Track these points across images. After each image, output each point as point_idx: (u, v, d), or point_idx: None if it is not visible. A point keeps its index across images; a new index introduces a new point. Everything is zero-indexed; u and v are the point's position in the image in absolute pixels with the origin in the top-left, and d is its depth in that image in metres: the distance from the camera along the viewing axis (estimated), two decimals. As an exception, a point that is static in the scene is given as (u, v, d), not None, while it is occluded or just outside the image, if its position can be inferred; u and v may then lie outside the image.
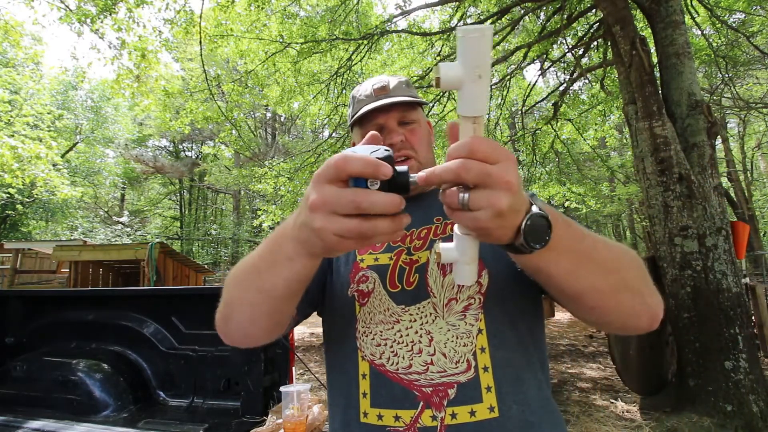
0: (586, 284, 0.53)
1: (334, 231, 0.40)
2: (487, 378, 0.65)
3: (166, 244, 7.92)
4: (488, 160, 0.39)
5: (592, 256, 0.52)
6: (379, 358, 0.69)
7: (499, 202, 0.39)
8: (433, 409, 0.63)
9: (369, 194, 0.39)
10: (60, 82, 18.99)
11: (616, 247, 0.56)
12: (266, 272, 0.53)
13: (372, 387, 0.68)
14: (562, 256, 0.49)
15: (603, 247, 0.54)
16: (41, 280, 9.34)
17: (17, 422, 1.73)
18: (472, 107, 0.40)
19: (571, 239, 0.50)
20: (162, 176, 26.13)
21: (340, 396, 0.73)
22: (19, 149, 8.44)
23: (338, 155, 0.40)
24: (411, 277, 0.72)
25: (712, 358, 3.12)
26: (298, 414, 1.40)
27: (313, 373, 4.37)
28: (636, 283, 0.56)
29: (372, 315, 0.72)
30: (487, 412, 0.63)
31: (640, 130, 3.58)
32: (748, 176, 16.48)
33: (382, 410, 0.66)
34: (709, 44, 6.72)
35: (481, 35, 0.37)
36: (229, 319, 0.62)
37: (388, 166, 0.40)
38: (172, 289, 3.50)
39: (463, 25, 0.39)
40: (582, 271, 0.52)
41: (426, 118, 0.89)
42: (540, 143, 8.10)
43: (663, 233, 3.45)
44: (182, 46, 14.01)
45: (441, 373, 0.65)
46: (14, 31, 8.34)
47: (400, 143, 0.80)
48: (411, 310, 0.70)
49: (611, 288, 0.54)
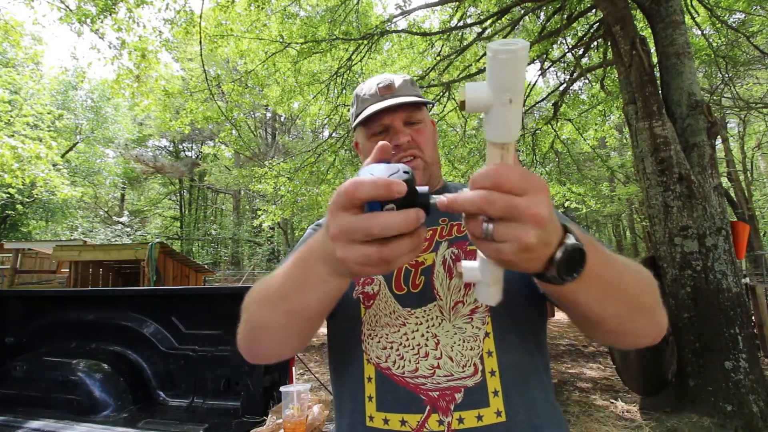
0: (611, 311, 0.53)
1: (356, 260, 0.40)
2: (494, 382, 0.64)
3: (166, 244, 7.91)
4: (515, 192, 0.36)
5: (619, 283, 0.51)
6: (384, 361, 0.68)
7: (525, 236, 0.36)
8: (440, 413, 0.63)
9: (380, 218, 0.38)
10: (60, 82, 18.99)
11: (635, 269, 0.55)
12: (296, 294, 0.53)
13: (378, 390, 0.68)
14: (593, 284, 0.47)
15: (626, 269, 0.53)
16: (41, 280, 9.34)
17: (17, 422, 1.73)
18: (501, 133, 0.37)
19: (602, 267, 0.48)
20: (162, 176, 26.14)
21: (346, 399, 0.72)
22: (19, 149, 8.45)
23: (350, 181, 0.39)
24: (417, 280, 0.72)
25: (712, 358, 3.12)
26: (298, 414, 1.40)
27: (313, 373, 4.37)
28: (651, 304, 0.56)
29: (377, 318, 0.71)
30: (494, 416, 0.62)
31: (640, 130, 3.58)
32: (748, 176, 16.48)
33: (388, 414, 0.66)
34: (709, 44, 6.71)
35: (513, 56, 0.33)
36: (257, 342, 0.63)
37: (401, 182, 0.38)
38: (172, 289, 3.50)
39: (495, 41, 0.36)
40: (609, 299, 0.51)
41: (430, 117, 0.89)
42: (540, 143, 8.10)
43: (663, 233, 3.45)
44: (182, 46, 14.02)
45: (448, 377, 0.65)
46: (14, 31, 8.34)
47: (407, 144, 0.79)
48: (417, 313, 0.69)
49: (631, 312, 0.54)
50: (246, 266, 22.37)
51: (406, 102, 0.78)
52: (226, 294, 2.14)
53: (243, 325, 0.64)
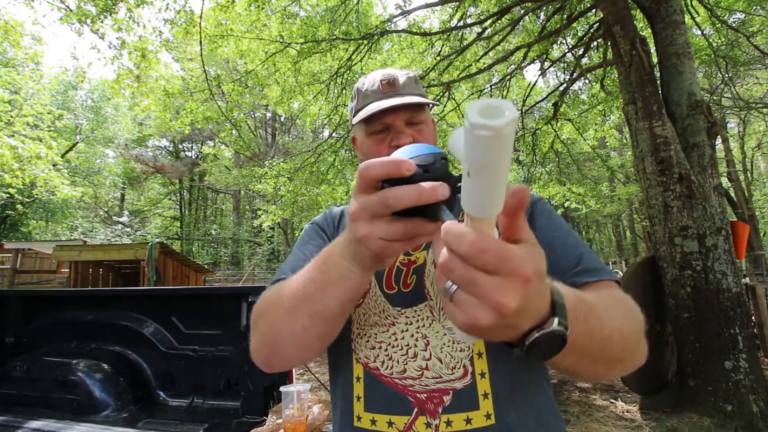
0: (584, 368, 0.52)
1: (379, 235, 0.41)
2: (484, 384, 0.63)
3: (166, 244, 7.91)
4: (485, 269, 0.31)
5: (600, 345, 0.48)
6: (373, 361, 0.67)
7: (480, 317, 0.32)
8: (428, 415, 0.62)
9: (395, 189, 0.39)
10: (60, 82, 18.99)
11: (619, 317, 0.53)
12: (317, 294, 0.53)
13: (366, 391, 0.67)
14: (568, 354, 0.42)
15: (608, 324, 0.48)
16: (41, 280, 9.34)
17: (17, 422, 1.73)
18: (465, 203, 0.33)
19: (584, 337, 0.44)
20: (162, 176, 26.14)
21: (338, 398, 0.72)
22: (19, 149, 8.45)
23: (362, 164, 0.41)
24: (408, 279, 0.71)
25: (712, 358, 3.12)
26: (298, 414, 1.40)
27: (313, 373, 4.37)
28: (631, 352, 0.55)
29: (367, 316, 0.70)
30: (483, 419, 0.61)
31: (640, 130, 3.58)
32: (748, 176, 16.48)
33: (375, 415, 0.65)
34: (709, 44, 6.71)
35: (495, 134, 0.27)
36: (275, 347, 0.61)
37: (408, 161, 0.39)
38: (172, 289, 3.50)
39: (476, 103, 0.28)
40: (584, 361, 0.49)
41: (432, 117, 0.87)
42: (540, 143, 8.10)
43: (663, 233, 3.45)
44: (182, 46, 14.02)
45: (436, 379, 0.63)
46: (14, 31, 8.34)
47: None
48: (407, 313, 0.68)
49: (608, 365, 0.53)
50: (246, 266, 22.37)
51: (409, 103, 0.76)
52: (226, 294, 2.14)
53: (259, 334, 0.62)
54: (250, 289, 1.86)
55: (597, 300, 0.50)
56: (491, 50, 6.74)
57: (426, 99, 0.79)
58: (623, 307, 0.57)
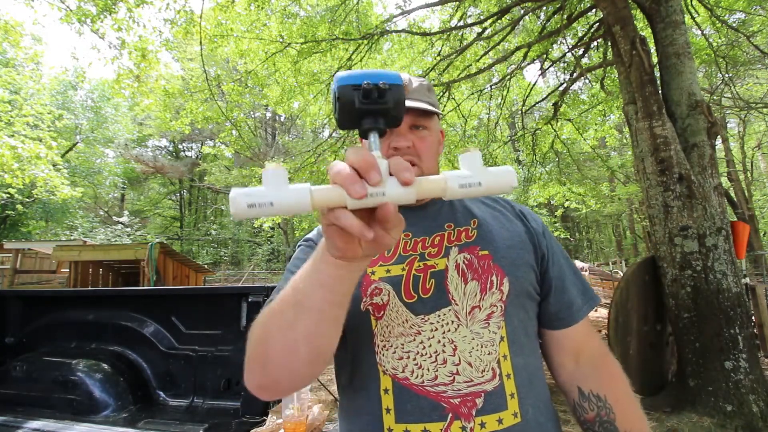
0: None
1: (326, 222, 0.43)
2: (510, 385, 0.66)
3: (166, 244, 7.92)
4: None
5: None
6: (402, 371, 0.67)
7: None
8: (462, 419, 0.63)
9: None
10: (60, 82, 18.99)
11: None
12: (302, 291, 0.53)
13: (396, 402, 0.66)
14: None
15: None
16: (41, 280, 9.35)
17: (17, 422, 1.73)
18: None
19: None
20: (162, 176, 26.15)
21: (360, 413, 0.70)
22: (19, 149, 8.45)
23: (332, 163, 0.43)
24: (427, 284, 0.71)
25: (712, 358, 3.12)
26: (298, 414, 1.40)
27: (313, 373, 4.36)
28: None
29: (390, 328, 0.70)
30: (512, 418, 0.65)
31: (640, 130, 3.58)
32: (748, 176, 16.48)
33: (409, 425, 0.65)
34: (709, 44, 6.70)
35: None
36: (266, 363, 0.57)
37: (354, 182, 0.41)
38: (172, 289, 3.50)
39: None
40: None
41: (440, 127, 0.84)
42: (540, 143, 8.10)
43: (663, 233, 3.45)
44: (182, 46, 14.01)
45: (468, 383, 0.65)
46: (14, 31, 8.34)
47: (406, 149, 0.76)
48: (431, 319, 0.69)
49: None
50: (246, 266, 22.38)
51: (414, 107, 0.75)
52: (226, 294, 2.14)
53: (249, 360, 0.59)
54: (250, 289, 1.86)
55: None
56: (491, 50, 6.74)
57: (433, 108, 0.78)
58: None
